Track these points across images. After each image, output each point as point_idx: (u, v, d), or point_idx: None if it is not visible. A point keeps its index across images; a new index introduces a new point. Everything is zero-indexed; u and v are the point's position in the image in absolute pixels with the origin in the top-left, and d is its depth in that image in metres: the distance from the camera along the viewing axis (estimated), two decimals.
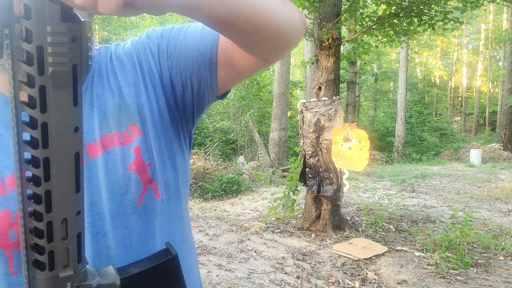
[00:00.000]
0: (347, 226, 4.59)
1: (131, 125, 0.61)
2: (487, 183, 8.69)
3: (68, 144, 0.39)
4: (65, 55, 0.36)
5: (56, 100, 0.37)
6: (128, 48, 0.65)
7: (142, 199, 0.60)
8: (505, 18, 21.35)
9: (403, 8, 4.56)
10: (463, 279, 3.24)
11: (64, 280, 0.44)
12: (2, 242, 0.55)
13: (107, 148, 0.60)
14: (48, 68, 0.35)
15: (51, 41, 0.35)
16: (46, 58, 0.35)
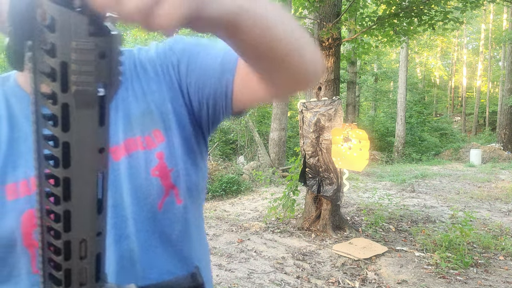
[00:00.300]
0: (347, 226, 4.59)
1: (155, 130, 0.62)
2: (487, 183, 8.69)
3: (92, 165, 0.37)
4: (90, 73, 0.32)
5: (80, 120, 0.34)
6: (152, 56, 0.66)
7: (163, 204, 0.61)
8: (505, 18, 21.35)
9: (403, 8, 4.56)
10: (463, 279, 3.24)
11: None
12: (27, 241, 0.55)
13: (131, 151, 0.60)
14: (72, 86, 0.32)
15: (76, 58, 0.32)
16: (70, 75, 0.32)
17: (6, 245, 0.55)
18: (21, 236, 0.55)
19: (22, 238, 0.55)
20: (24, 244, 0.55)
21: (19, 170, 0.57)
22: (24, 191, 0.56)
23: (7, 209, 0.55)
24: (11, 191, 0.56)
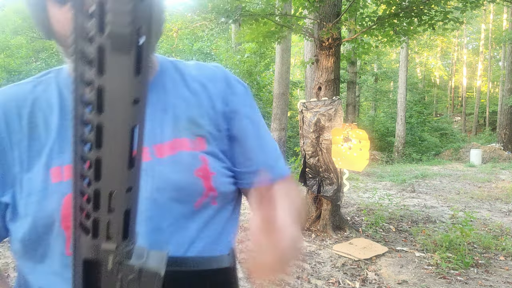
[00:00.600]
0: (347, 226, 4.59)
1: (199, 137, 0.66)
2: (487, 183, 8.68)
3: (124, 115, 0.35)
4: (127, 14, 0.31)
5: (115, 65, 0.33)
6: (211, 79, 0.71)
7: (200, 203, 0.64)
8: (505, 18, 21.34)
9: (403, 8, 4.56)
10: (464, 279, 3.24)
11: (106, 253, 0.43)
12: (65, 223, 0.58)
13: (177, 150, 0.64)
14: (107, 26, 0.31)
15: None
16: (107, 14, 0.31)
17: (45, 225, 0.58)
18: (60, 218, 0.58)
19: (61, 220, 0.58)
20: (62, 226, 0.58)
21: (65, 155, 0.60)
22: (68, 175, 0.59)
23: (50, 191, 0.58)
24: (56, 174, 0.59)
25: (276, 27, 5.25)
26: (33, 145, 0.61)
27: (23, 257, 0.62)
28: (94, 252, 0.43)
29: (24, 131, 0.62)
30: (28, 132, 0.62)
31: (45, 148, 0.61)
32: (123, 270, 0.44)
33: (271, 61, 12.72)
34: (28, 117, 0.62)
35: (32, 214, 0.58)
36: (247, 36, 5.61)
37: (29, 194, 0.59)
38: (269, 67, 12.76)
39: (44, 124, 0.62)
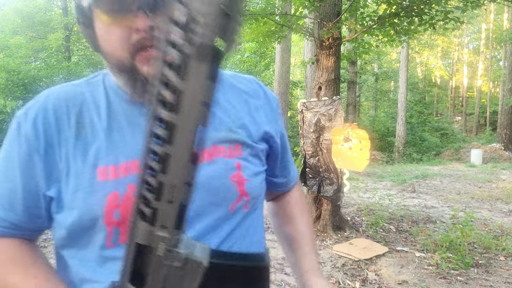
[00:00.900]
0: (348, 226, 4.58)
1: (236, 144, 0.71)
2: (488, 183, 8.67)
3: (195, 115, 0.40)
4: (211, 27, 0.36)
5: (196, 72, 0.38)
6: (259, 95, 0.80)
7: (234, 207, 0.68)
8: (506, 17, 21.32)
9: (403, 7, 4.54)
10: (464, 279, 3.23)
11: (158, 239, 0.47)
12: (107, 219, 0.62)
13: (215, 157, 0.68)
14: (196, 38, 0.36)
15: (204, 11, 0.35)
16: (197, 29, 0.36)
17: (89, 219, 0.62)
18: (103, 214, 0.62)
19: (104, 216, 0.62)
20: (105, 221, 0.62)
21: (111, 156, 0.64)
22: (113, 175, 0.64)
23: (96, 188, 0.63)
24: (102, 173, 0.63)
25: (276, 27, 5.24)
26: (79, 144, 0.65)
27: (67, 243, 0.67)
28: (148, 237, 0.48)
29: (72, 130, 0.65)
30: (75, 131, 0.65)
31: (91, 148, 0.65)
32: (171, 257, 0.49)
33: (271, 61, 12.71)
34: (76, 117, 0.66)
35: (78, 208, 0.63)
36: (247, 36, 5.60)
37: (76, 191, 0.63)
38: (269, 67, 12.75)
39: (90, 125, 0.66)
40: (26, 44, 13.24)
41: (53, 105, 0.67)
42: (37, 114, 0.66)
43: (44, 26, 16.66)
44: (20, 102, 9.32)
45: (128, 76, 0.64)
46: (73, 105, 0.67)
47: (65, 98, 0.68)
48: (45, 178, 0.64)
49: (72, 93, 0.69)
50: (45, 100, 0.68)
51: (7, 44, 11.35)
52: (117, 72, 0.66)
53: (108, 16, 0.61)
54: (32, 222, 0.67)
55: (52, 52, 10.56)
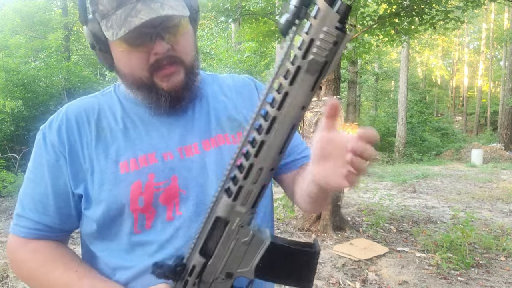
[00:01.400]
0: (348, 226, 4.57)
1: (238, 132, 0.80)
2: (488, 183, 8.66)
3: (293, 115, 0.50)
4: (325, 51, 0.47)
5: (302, 80, 0.49)
6: (246, 86, 0.89)
7: None
8: (506, 17, 21.30)
9: (404, 7, 4.53)
10: (464, 279, 3.22)
11: (236, 214, 0.56)
12: (133, 206, 0.70)
13: (220, 144, 0.78)
14: (310, 55, 0.47)
15: (321, 37, 0.46)
16: (312, 48, 0.47)
17: (116, 208, 0.70)
18: (129, 202, 0.70)
19: (130, 204, 0.70)
20: (131, 208, 0.70)
21: (130, 151, 0.74)
22: (133, 167, 0.72)
23: (119, 180, 0.71)
24: (124, 166, 0.72)
25: (276, 26, 5.23)
26: (100, 145, 0.74)
27: (98, 237, 0.75)
28: (228, 212, 0.56)
29: (92, 134, 0.75)
30: (96, 134, 0.75)
31: (112, 147, 0.74)
32: (241, 232, 0.57)
33: (271, 60, 12.70)
34: (95, 123, 0.76)
35: (105, 200, 0.71)
36: (247, 35, 5.59)
37: (102, 184, 0.71)
38: (269, 67, 12.73)
39: (109, 128, 0.76)
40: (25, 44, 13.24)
41: (74, 115, 0.77)
42: (60, 124, 0.76)
43: (44, 26, 16.66)
44: (19, 102, 9.31)
45: (148, 91, 0.73)
46: (92, 113, 0.77)
47: (84, 108, 0.78)
48: (73, 178, 0.73)
49: (90, 103, 0.80)
50: (66, 112, 0.78)
51: (7, 44, 11.34)
52: (135, 89, 0.75)
53: (128, 45, 0.69)
54: (64, 223, 0.76)
55: (51, 52, 10.54)
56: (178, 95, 0.74)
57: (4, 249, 3.90)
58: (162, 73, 0.71)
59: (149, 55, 0.69)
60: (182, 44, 0.72)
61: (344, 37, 0.47)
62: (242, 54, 11.00)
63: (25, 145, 8.01)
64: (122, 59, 0.72)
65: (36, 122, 8.83)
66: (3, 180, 6.34)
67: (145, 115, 0.77)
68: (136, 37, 0.68)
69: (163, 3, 0.66)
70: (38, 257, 0.74)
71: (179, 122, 0.78)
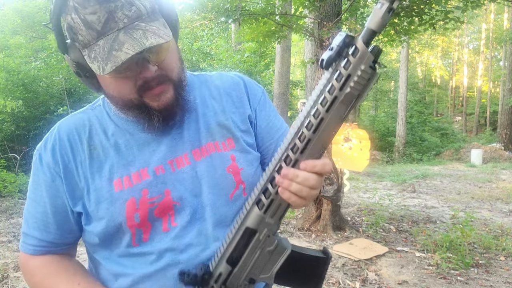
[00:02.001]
0: (348, 226, 4.58)
1: (228, 138, 0.81)
2: (488, 183, 8.67)
3: (325, 139, 0.57)
4: (360, 85, 0.54)
5: (337, 109, 0.56)
6: (234, 86, 0.87)
7: (233, 195, 0.78)
8: (506, 17, 21.30)
9: (403, 7, 4.54)
10: (464, 279, 3.23)
11: (265, 225, 0.61)
12: (129, 222, 0.73)
13: (210, 152, 0.79)
14: (347, 88, 0.54)
15: (359, 74, 0.53)
16: (349, 82, 0.54)
17: (114, 226, 0.73)
18: (125, 219, 0.72)
19: (126, 221, 0.72)
20: (128, 225, 0.73)
21: (122, 168, 0.75)
22: (127, 184, 0.74)
23: (114, 198, 0.73)
24: (117, 184, 0.74)
25: (276, 27, 5.23)
26: (93, 163, 0.76)
27: (100, 247, 0.78)
28: (258, 223, 0.61)
29: (85, 153, 0.76)
30: (88, 153, 0.76)
31: (105, 165, 0.75)
32: (267, 242, 0.62)
33: (271, 60, 12.70)
34: (87, 141, 0.77)
35: (105, 218, 0.73)
36: (247, 36, 5.59)
37: (99, 203, 0.73)
38: (269, 67, 12.73)
39: (100, 145, 0.77)
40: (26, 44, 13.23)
41: (66, 134, 0.78)
42: (54, 144, 0.77)
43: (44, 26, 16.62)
44: (20, 102, 9.31)
45: (139, 111, 0.73)
46: (83, 131, 0.78)
47: (75, 127, 0.79)
48: (70, 197, 0.75)
49: (81, 120, 0.80)
50: (58, 131, 0.79)
51: (7, 44, 11.33)
52: (126, 110, 0.74)
53: (115, 73, 0.67)
54: (66, 238, 0.79)
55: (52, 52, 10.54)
56: (170, 113, 0.74)
57: (4, 249, 3.91)
58: (151, 93, 0.70)
59: (136, 79, 0.69)
60: (167, 61, 0.72)
61: (375, 75, 0.55)
62: (242, 54, 11.00)
63: (26, 145, 8.01)
64: (110, 85, 0.72)
65: (37, 122, 8.84)
66: (4, 180, 6.33)
67: (135, 130, 0.77)
68: (122, 73, 0.68)
69: (145, 30, 0.64)
70: (43, 271, 0.78)
71: (169, 134, 0.78)
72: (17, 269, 3.38)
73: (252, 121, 0.85)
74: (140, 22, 0.65)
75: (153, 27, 0.65)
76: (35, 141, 9.08)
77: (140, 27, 0.64)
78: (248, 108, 0.85)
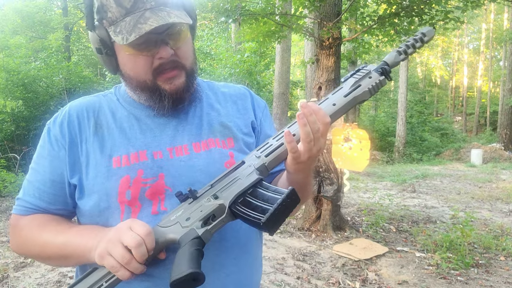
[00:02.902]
0: (348, 226, 4.58)
1: (228, 138, 0.87)
2: (488, 183, 8.67)
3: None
4: (370, 92, 0.76)
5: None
6: (240, 95, 0.95)
7: None
8: (506, 17, 21.30)
9: (403, 7, 4.54)
10: (464, 279, 3.23)
11: (255, 160, 0.75)
12: (120, 198, 0.76)
13: (210, 147, 0.84)
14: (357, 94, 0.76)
15: (373, 84, 0.76)
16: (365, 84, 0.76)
17: (106, 200, 0.77)
18: (117, 194, 0.76)
19: (118, 196, 0.76)
20: (118, 200, 0.76)
21: (123, 147, 0.80)
22: (125, 163, 0.79)
23: (111, 173, 0.78)
24: (116, 161, 0.79)
25: (276, 27, 5.23)
26: (97, 140, 0.81)
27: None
28: (252, 158, 0.75)
29: (91, 130, 0.82)
30: (94, 130, 0.82)
31: (107, 143, 0.80)
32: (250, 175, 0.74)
33: (271, 60, 12.70)
34: (94, 120, 0.83)
35: (97, 192, 0.77)
36: (247, 36, 5.59)
37: (95, 177, 0.78)
38: (269, 67, 12.73)
39: (107, 125, 0.83)
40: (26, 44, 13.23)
41: (76, 112, 0.84)
42: (63, 119, 0.83)
43: (44, 26, 16.65)
44: (20, 102, 9.31)
45: (151, 93, 0.79)
46: (92, 111, 0.85)
47: (86, 106, 0.85)
48: (70, 169, 0.80)
49: (92, 102, 0.87)
50: (69, 109, 0.85)
51: (7, 44, 11.33)
52: (139, 91, 0.81)
53: (135, 49, 0.75)
54: (57, 209, 0.82)
55: (52, 52, 10.54)
56: (180, 97, 0.80)
57: (4, 249, 3.91)
58: (165, 76, 0.77)
59: (153, 60, 0.76)
60: (184, 50, 0.79)
61: (384, 82, 0.77)
62: (242, 54, 10.99)
63: (26, 145, 8.01)
64: (128, 63, 0.79)
65: (37, 122, 8.83)
66: (4, 180, 6.33)
67: (142, 116, 0.84)
68: (143, 42, 0.74)
69: (169, 12, 0.73)
70: (32, 223, 0.81)
71: (172, 123, 0.84)
72: (17, 269, 3.38)
73: (255, 127, 0.93)
74: (165, 7, 0.74)
75: (176, 12, 0.74)
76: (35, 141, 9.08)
77: (165, 10, 0.73)
78: (253, 116, 0.93)
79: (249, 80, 11.26)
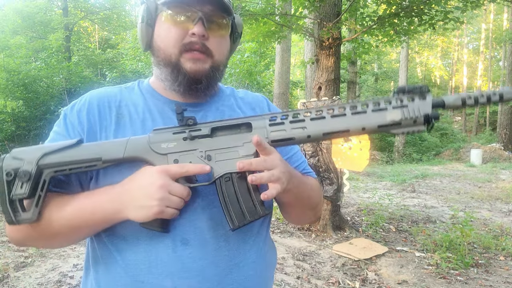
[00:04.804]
0: (348, 226, 4.59)
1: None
2: (487, 183, 8.68)
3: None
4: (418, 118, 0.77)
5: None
6: (256, 103, 0.98)
7: None
8: (505, 17, 21.31)
9: (403, 7, 4.55)
10: (464, 279, 3.23)
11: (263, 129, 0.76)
12: None
13: None
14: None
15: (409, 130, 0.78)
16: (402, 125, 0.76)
17: None
18: None
19: None
20: None
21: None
22: None
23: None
24: None
25: (276, 27, 5.24)
26: (119, 130, 0.82)
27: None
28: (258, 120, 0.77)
29: (112, 119, 0.83)
30: (115, 120, 0.83)
31: (129, 132, 0.81)
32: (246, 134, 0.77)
33: (271, 61, 12.70)
34: (116, 109, 0.84)
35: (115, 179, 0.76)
36: (247, 36, 5.59)
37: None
38: (269, 67, 12.74)
39: (129, 116, 0.84)
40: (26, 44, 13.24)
41: (97, 100, 0.85)
42: (82, 107, 0.83)
43: (45, 26, 16.64)
44: (20, 102, 9.31)
45: (172, 69, 0.81)
46: (114, 100, 0.85)
47: (107, 96, 0.86)
48: None
49: (113, 92, 0.88)
50: (89, 97, 0.85)
51: (8, 44, 11.34)
52: (162, 65, 0.82)
53: (173, 19, 0.79)
54: (58, 191, 0.79)
55: (52, 52, 10.55)
56: (198, 78, 0.81)
57: (5, 248, 3.91)
58: (190, 55, 0.79)
59: (185, 35, 0.79)
60: (218, 44, 0.82)
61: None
62: (242, 55, 11.00)
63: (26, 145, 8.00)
64: (162, 32, 0.82)
65: (37, 122, 8.85)
66: None
67: (164, 110, 0.86)
68: (182, 12, 0.79)
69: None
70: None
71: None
72: (17, 269, 3.39)
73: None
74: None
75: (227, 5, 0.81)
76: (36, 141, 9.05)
77: None
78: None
79: (249, 80, 11.27)
